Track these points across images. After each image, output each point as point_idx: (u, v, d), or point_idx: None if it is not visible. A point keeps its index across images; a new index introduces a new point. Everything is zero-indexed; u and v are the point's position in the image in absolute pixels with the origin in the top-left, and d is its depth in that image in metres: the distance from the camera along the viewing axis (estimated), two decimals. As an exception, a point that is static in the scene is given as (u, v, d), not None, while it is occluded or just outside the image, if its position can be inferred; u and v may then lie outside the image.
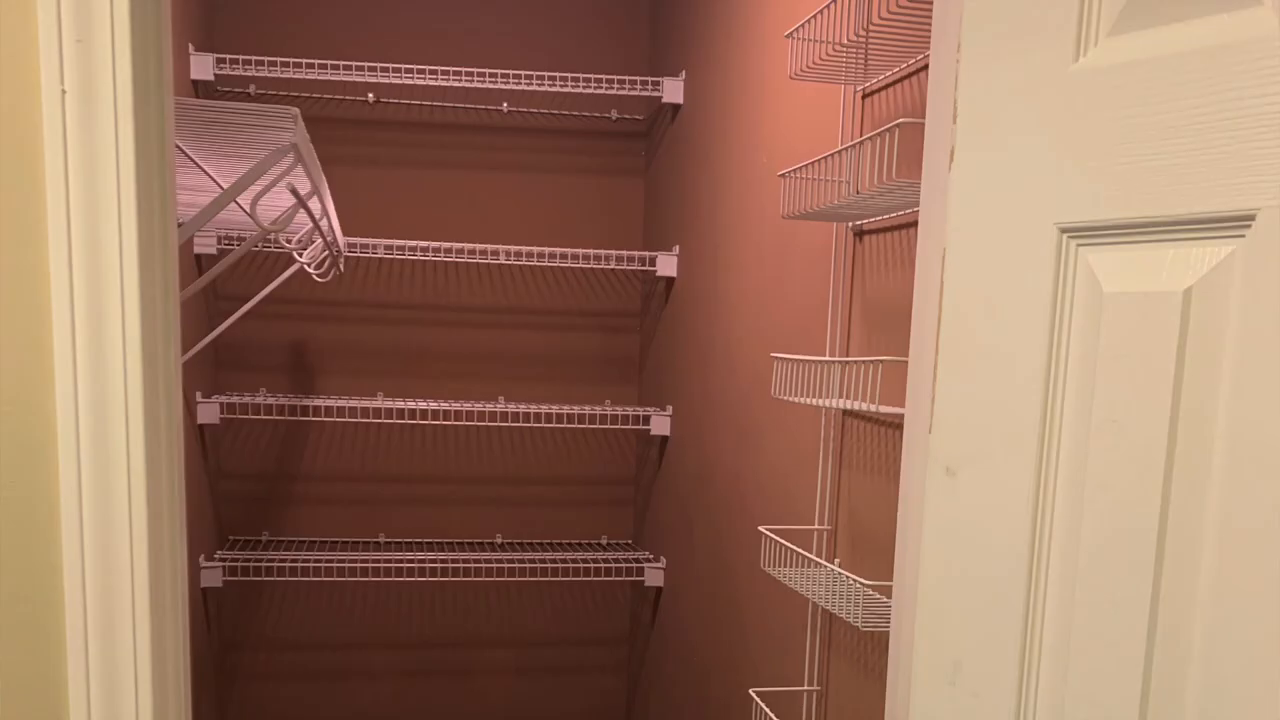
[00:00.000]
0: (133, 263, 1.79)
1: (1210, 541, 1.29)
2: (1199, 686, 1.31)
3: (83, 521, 1.82)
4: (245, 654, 5.37)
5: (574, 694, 5.69)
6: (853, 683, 3.02)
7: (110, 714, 1.86)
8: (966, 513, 1.60)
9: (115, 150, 1.75)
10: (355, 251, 4.88)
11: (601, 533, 5.56)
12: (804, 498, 3.29)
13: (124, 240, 1.78)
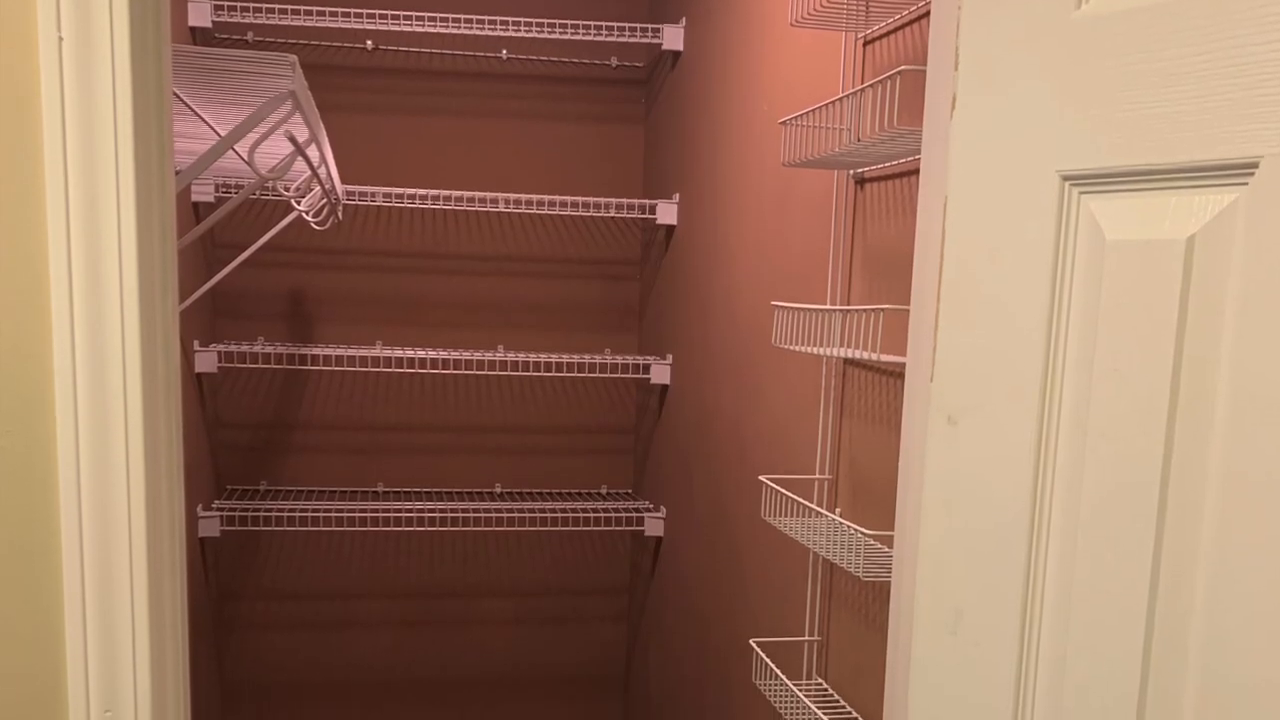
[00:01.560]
0: (130, 210, 1.78)
1: (1213, 491, 1.29)
2: (1202, 638, 1.31)
3: (80, 471, 1.81)
4: (243, 603, 5.37)
5: (573, 644, 5.69)
6: (854, 633, 3.02)
7: (108, 664, 1.85)
8: (968, 462, 1.59)
9: (113, 97, 1.73)
10: (353, 199, 4.87)
11: (601, 482, 5.56)
12: (804, 447, 3.29)
13: (121, 188, 1.76)
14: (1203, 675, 1.31)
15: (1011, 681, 1.52)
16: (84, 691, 1.85)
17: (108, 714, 1.86)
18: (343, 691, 5.50)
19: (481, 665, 5.61)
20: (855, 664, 3.01)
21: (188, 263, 4.41)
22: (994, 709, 1.54)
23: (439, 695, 5.60)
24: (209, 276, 4.71)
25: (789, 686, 3.02)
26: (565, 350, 5.25)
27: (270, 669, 5.44)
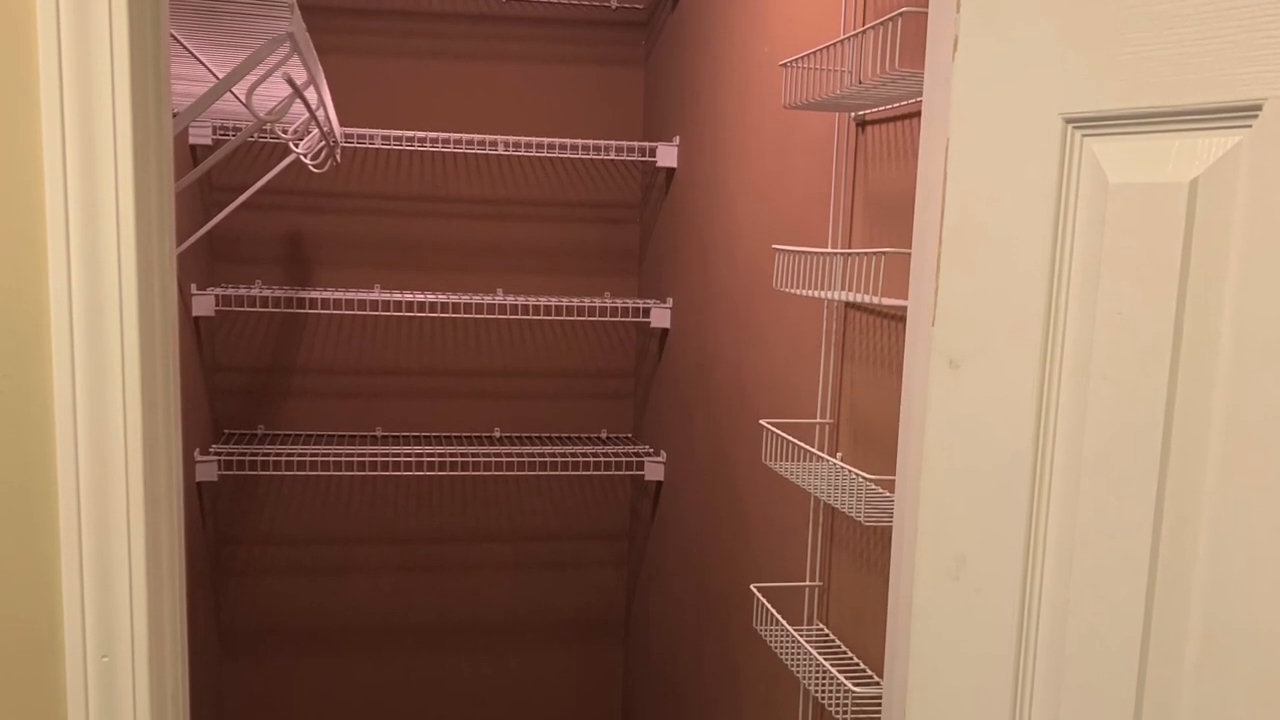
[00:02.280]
0: (127, 153, 1.77)
1: (1217, 434, 1.29)
2: (1205, 581, 1.31)
3: (76, 415, 1.81)
4: (241, 548, 5.38)
5: (573, 588, 5.70)
6: (855, 577, 3.02)
7: (104, 609, 1.85)
8: (970, 406, 1.59)
9: (109, 40, 1.72)
10: (352, 142, 4.84)
11: (601, 426, 5.55)
12: (805, 391, 3.28)
13: (118, 131, 1.75)
14: (1205, 621, 1.31)
15: (1014, 627, 1.52)
16: (80, 636, 1.84)
17: (104, 659, 1.86)
18: (341, 637, 5.51)
19: (481, 610, 5.62)
20: (856, 609, 3.01)
21: (185, 206, 4.40)
22: (996, 655, 1.54)
23: (438, 640, 5.61)
24: (206, 219, 4.70)
25: (789, 631, 3.02)
26: (565, 294, 5.24)
27: (268, 614, 5.45)
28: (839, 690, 2.69)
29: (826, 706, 2.78)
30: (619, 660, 5.81)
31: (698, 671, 4.47)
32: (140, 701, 1.87)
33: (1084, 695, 1.44)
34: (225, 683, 5.43)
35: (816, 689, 2.84)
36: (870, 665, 2.87)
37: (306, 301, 4.95)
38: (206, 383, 5.02)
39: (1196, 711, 1.32)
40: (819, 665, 2.81)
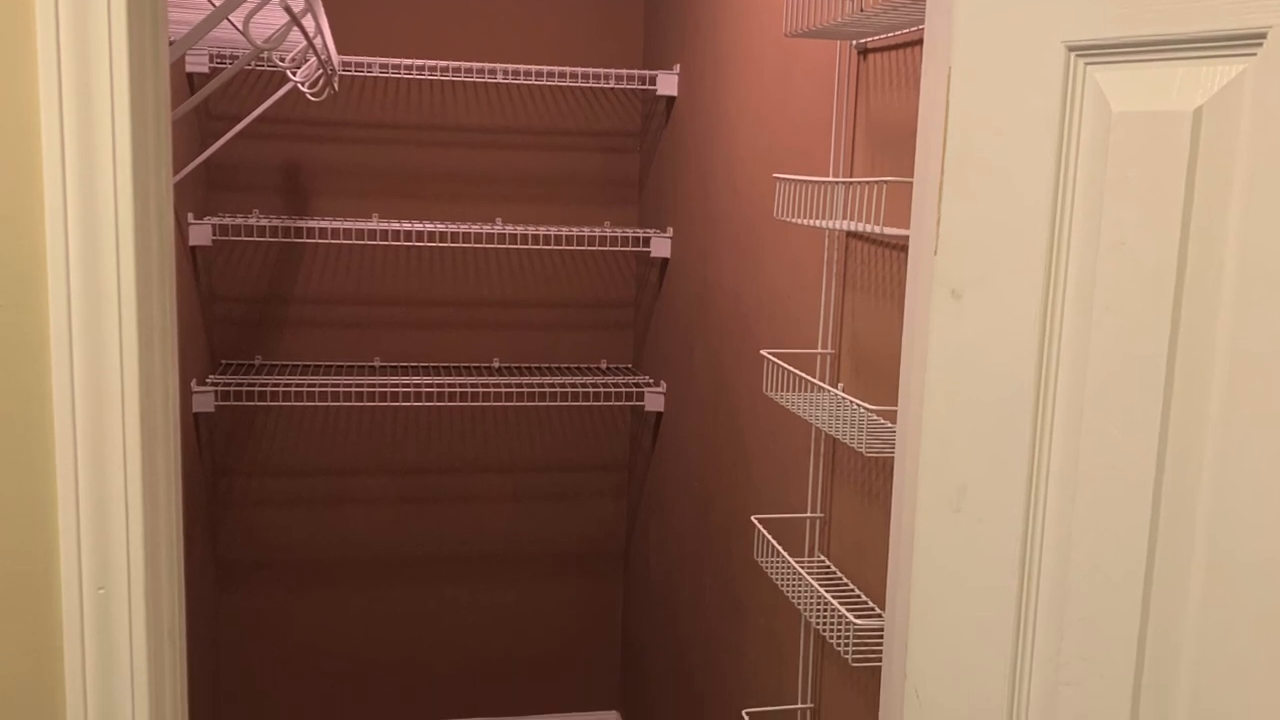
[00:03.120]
0: (123, 81, 1.76)
1: (1220, 365, 1.29)
2: (1209, 512, 1.31)
3: (72, 345, 1.80)
4: (238, 479, 5.37)
5: (573, 520, 5.70)
6: (856, 509, 3.01)
7: (100, 540, 1.85)
8: (972, 336, 1.58)
9: (104, -36, 1.71)
10: (349, 70, 4.81)
11: (601, 357, 5.54)
12: (807, 321, 3.27)
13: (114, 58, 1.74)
14: (1209, 552, 1.31)
15: (1016, 558, 1.51)
16: (76, 568, 1.84)
17: (101, 591, 1.85)
18: (339, 568, 5.52)
19: (480, 542, 5.63)
20: (858, 540, 3.00)
21: (181, 134, 4.37)
22: (999, 586, 1.53)
23: (436, 572, 5.62)
24: (203, 148, 4.67)
25: (790, 563, 3.02)
26: (564, 223, 5.22)
27: (265, 546, 5.45)
28: (840, 622, 2.69)
29: (828, 638, 2.78)
30: (618, 592, 5.82)
31: (698, 603, 4.48)
32: (137, 633, 1.87)
33: (1087, 627, 1.44)
34: (222, 614, 5.43)
35: (818, 621, 2.84)
36: (872, 597, 2.87)
37: (304, 231, 4.93)
38: (203, 313, 5.00)
39: (1200, 643, 1.32)
40: (820, 597, 2.81)
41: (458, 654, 5.70)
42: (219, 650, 5.43)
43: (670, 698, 4.92)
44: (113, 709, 1.87)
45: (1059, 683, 1.47)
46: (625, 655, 5.79)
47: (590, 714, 5.87)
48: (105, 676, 1.87)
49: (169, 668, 1.98)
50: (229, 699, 5.49)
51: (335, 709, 5.63)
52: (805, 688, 3.27)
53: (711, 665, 4.29)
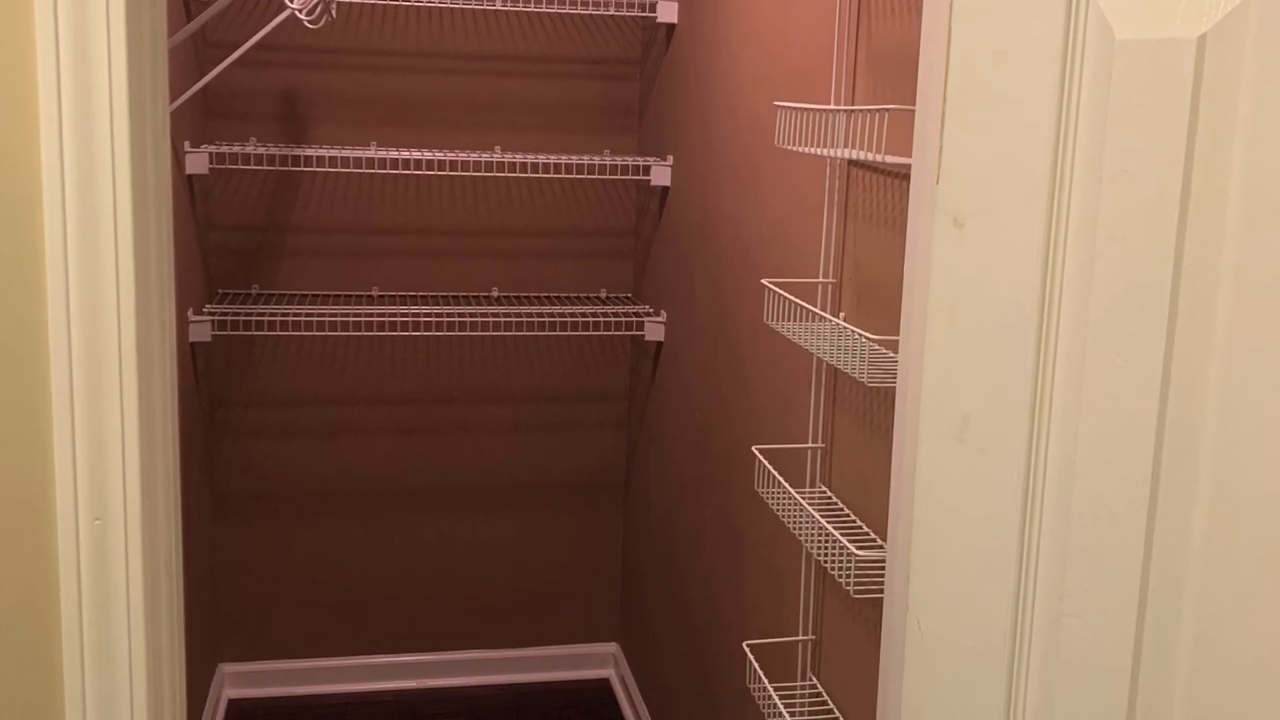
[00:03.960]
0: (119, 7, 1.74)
1: (1225, 294, 1.27)
2: (1213, 444, 1.30)
3: (68, 274, 1.79)
4: (235, 410, 5.36)
5: (572, 450, 5.70)
6: (857, 439, 3.00)
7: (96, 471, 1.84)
8: (974, 265, 1.57)
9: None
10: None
11: (600, 286, 5.53)
12: (808, 250, 3.26)
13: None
14: (1213, 484, 1.30)
15: (1019, 490, 1.50)
16: (73, 499, 1.83)
17: (97, 522, 1.85)
18: (336, 499, 5.52)
19: (478, 473, 5.62)
20: (859, 471, 3.00)
21: (178, 62, 4.34)
22: (1001, 518, 1.52)
23: (434, 503, 5.62)
24: (200, 76, 4.64)
25: (791, 494, 3.01)
26: (564, 151, 5.19)
27: (262, 476, 5.44)
28: (841, 553, 2.69)
29: (829, 569, 2.78)
30: (618, 523, 5.82)
31: (698, 534, 4.48)
32: (133, 564, 1.86)
33: (1090, 560, 1.43)
34: (219, 545, 5.44)
35: (819, 552, 2.84)
36: (873, 528, 2.86)
37: (302, 159, 4.90)
38: (200, 242, 4.98)
39: (1204, 577, 1.31)
40: (821, 528, 2.80)
41: (456, 586, 5.71)
42: (216, 581, 5.44)
43: (670, 630, 4.93)
44: (109, 640, 1.87)
45: (1062, 614, 1.47)
46: (625, 587, 5.81)
47: (589, 646, 5.89)
48: (101, 608, 1.86)
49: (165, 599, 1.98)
50: (226, 630, 5.51)
51: (332, 640, 5.64)
52: (806, 619, 3.27)
53: (711, 597, 4.30)
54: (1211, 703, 1.31)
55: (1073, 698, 1.47)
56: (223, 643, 5.53)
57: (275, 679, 5.61)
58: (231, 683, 5.56)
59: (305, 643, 5.62)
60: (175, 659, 2.03)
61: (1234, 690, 1.29)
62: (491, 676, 5.78)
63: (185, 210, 4.65)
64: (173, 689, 2.02)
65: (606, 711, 5.63)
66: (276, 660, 5.62)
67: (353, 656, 5.68)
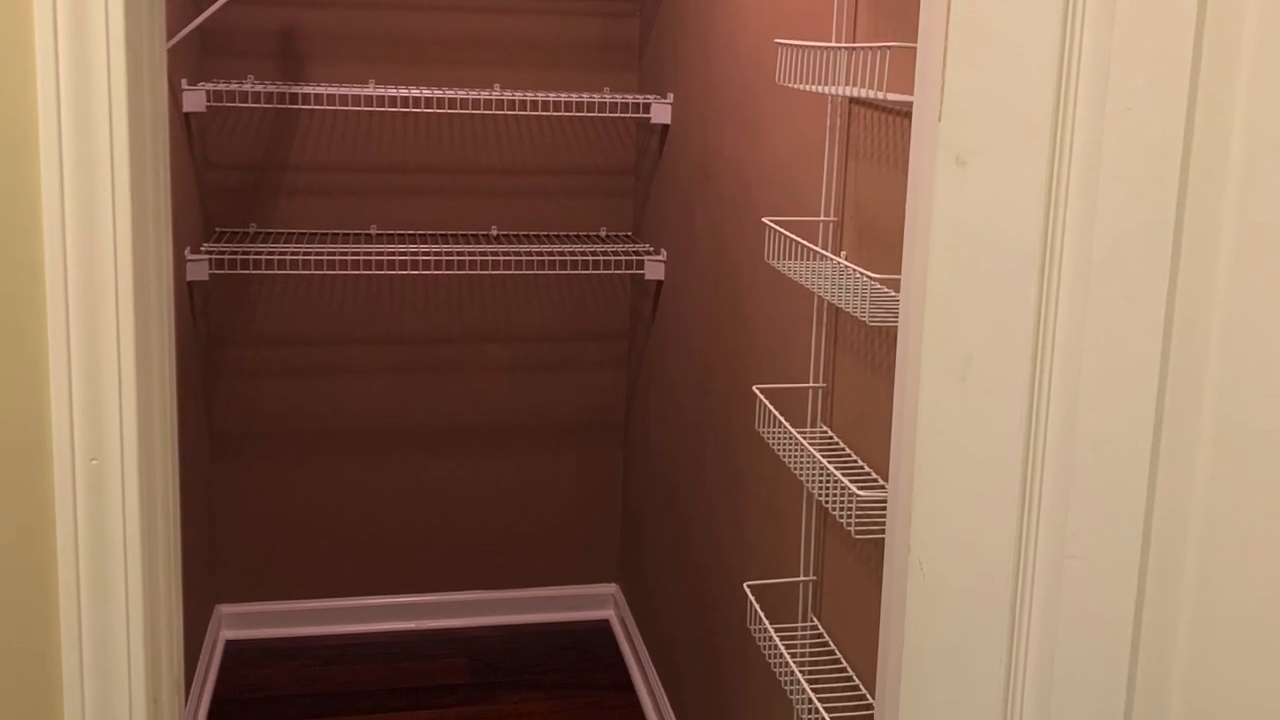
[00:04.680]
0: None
1: (1228, 234, 1.28)
2: (1216, 383, 1.30)
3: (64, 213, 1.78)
4: (232, 349, 5.35)
5: (572, 390, 5.69)
6: (859, 379, 3.00)
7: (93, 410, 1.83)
8: (977, 203, 1.56)
9: None
10: (345, -67, 4.78)
11: (600, 225, 5.51)
12: (809, 189, 3.24)
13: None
14: (1217, 424, 1.31)
15: (1022, 430, 1.50)
16: (69, 439, 1.83)
17: (93, 462, 1.84)
18: (334, 439, 5.51)
19: (477, 413, 5.61)
20: (860, 411, 2.99)
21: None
22: (1004, 458, 1.52)
23: (433, 443, 5.61)
24: (197, 13, 4.61)
25: (793, 434, 3.01)
26: (563, 89, 5.16)
27: (260, 416, 5.44)
28: (843, 494, 2.68)
29: (830, 510, 2.77)
30: (618, 463, 5.82)
31: (699, 475, 4.48)
32: (129, 504, 1.86)
33: (1094, 500, 1.43)
34: (216, 486, 5.44)
35: (820, 492, 2.83)
36: (875, 468, 2.86)
37: (299, 97, 4.88)
38: (197, 180, 4.96)
39: (1208, 516, 1.32)
40: (822, 468, 2.80)
41: (454, 526, 5.71)
42: (213, 522, 5.44)
43: (670, 570, 4.93)
44: (105, 581, 1.86)
45: (1064, 555, 1.46)
46: (625, 528, 5.81)
47: (589, 587, 5.90)
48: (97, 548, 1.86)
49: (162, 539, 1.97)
50: (223, 571, 5.52)
51: (330, 581, 5.65)
52: (807, 560, 3.27)
53: (712, 537, 4.30)
54: (1215, 643, 1.32)
55: (1075, 639, 1.47)
56: (220, 584, 5.53)
57: (272, 620, 5.62)
58: (228, 624, 5.58)
59: (303, 584, 5.63)
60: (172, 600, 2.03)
61: (1238, 630, 1.29)
62: (489, 618, 5.79)
63: (182, 148, 4.63)
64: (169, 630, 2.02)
65: (606, 653, 5.64)
66: (274, 601, 5.62)
67: (350, 598, 5.68)
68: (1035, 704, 1.52)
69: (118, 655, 1.88)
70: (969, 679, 1.59)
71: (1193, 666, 1.34)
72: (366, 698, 5.19)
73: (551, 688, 5.32)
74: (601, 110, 5.04)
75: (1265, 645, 1.26)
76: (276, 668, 5.40)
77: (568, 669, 5.49)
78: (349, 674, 5.37)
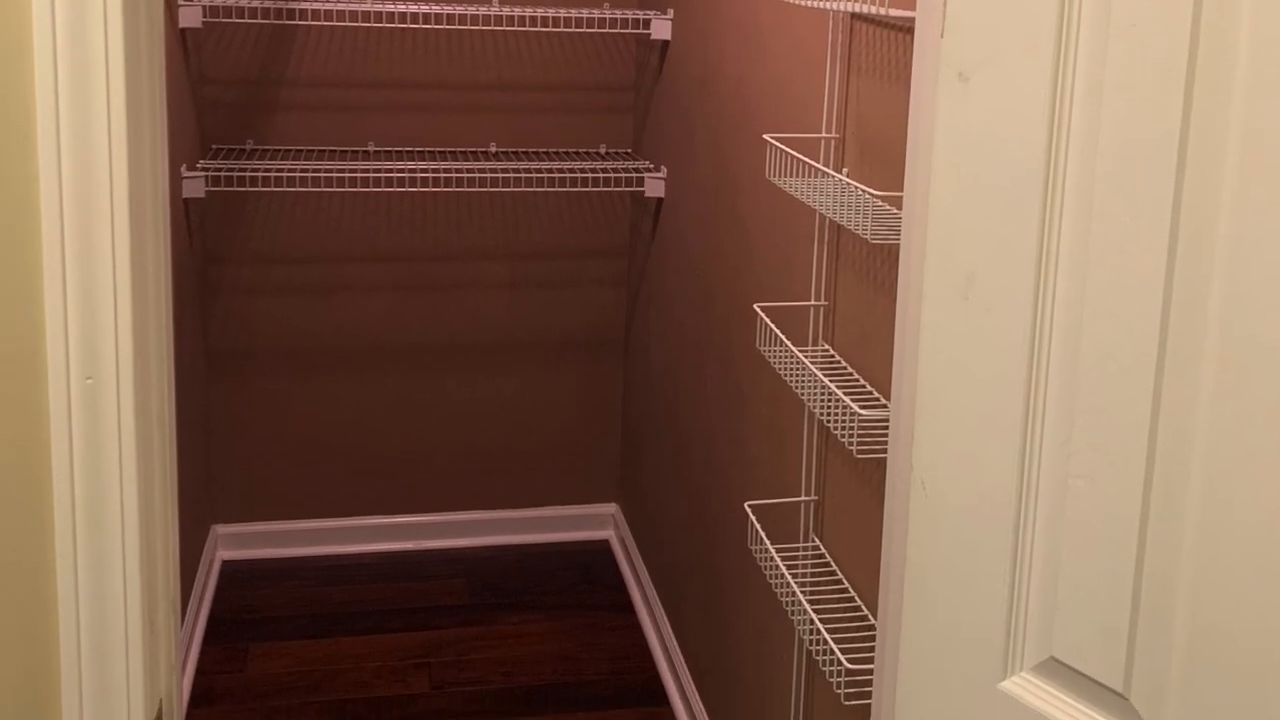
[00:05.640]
0: None
1: (1233, 146, 1.27)
2: (1221, 296, 1.30)
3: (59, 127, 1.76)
4: (229, 267, 5.32)
5: (571, 308, 5.67)
6: (861, 297, 2.98)
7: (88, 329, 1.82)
8: (980, 119, 1.55)
9: None
10: None
11: (600, 141, 5.48)
12: (810, 105, 3.22)
13: None
14: (1221, 337, 1.30)
15: (1025, 347, 1.49)
16: (64, 357, 1.81)
17: (89, 380, 1.83)
18: (332, 358, 5.49)
19: (476, 331, 5.60)
20: (862, 330, 2.98)
21: (170, -86, 4.29)
22: (1007, 376, 1.51)
23: (431, 362, 5.60)
24: (192, -71, 4.59)
25: (794, 352, 3.00)
26: (562, 4, 5.11)
27: (257, 334, 5.42)
28: (844, 412, 2.67)
29: (831, 429, 2.76)
30: (618, 383, 5.81)
31: (699, 393, 4.47)
32: (125, 424, 1.85)
33: (1097, 418, 1.42)
34: (212, 405, 5.43)
35: (821, 411, 2.82)
36: (877, 387, 2.85)
37: (296, 12, 4.84)
38: (193, 96, 4.93)
39: (1213, 432, 1.32)
40: (824, 387, 2.78)
41: (453, 446, 5.71)
42: (210, 442, 5.44)
43: (670, 490, 4.94)
44: (101, 501, 1.86)
45: (1069, 474, 1.46)
46: (625, 447, 5.81)
47: (588, 506, 5.90)
48: (93, 467, 1.85)
49: (158, 458, 1.97)
50: (220, 491, 5.51)
51: (328, 502, 5.65)
52: (808, 480, 3.26)
53: (712, 457, 4.30)
54: (1220, 559, 1.32)
55: (1079, 556, 1.46)
56: (216, 504, 5.53)
57: (270, 540, 5.62)
58: (225, 544, 5.58)
59: (300, 504, 5.63)
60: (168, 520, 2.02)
61: (1243, 546, 1.29)
62: (489, 538, 5.79)
63: (178, 64, 4.60)
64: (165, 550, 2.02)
65: (605, 573, 5.65)
66: (271, 521, 5.62)
67: (348, 518, 5.68)
68: (1038, 624, 1.52)
69: (113, 575, 1.87)
70: (972, 599, 1.59)
71: (1198, 583, 1.34)
72: (364, 618, 5.20)
73: (551, 608, 5.33)
74: (601, 26, 5.01)
75: (1271, 560, 1.26)
76: (273, 588, 5.41)
77: (567, 589, 5.50)
78: (346, 595, 5.38)
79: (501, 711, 4.65)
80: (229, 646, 4.97)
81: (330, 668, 4.86)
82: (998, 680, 1.57)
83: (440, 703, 4.69)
